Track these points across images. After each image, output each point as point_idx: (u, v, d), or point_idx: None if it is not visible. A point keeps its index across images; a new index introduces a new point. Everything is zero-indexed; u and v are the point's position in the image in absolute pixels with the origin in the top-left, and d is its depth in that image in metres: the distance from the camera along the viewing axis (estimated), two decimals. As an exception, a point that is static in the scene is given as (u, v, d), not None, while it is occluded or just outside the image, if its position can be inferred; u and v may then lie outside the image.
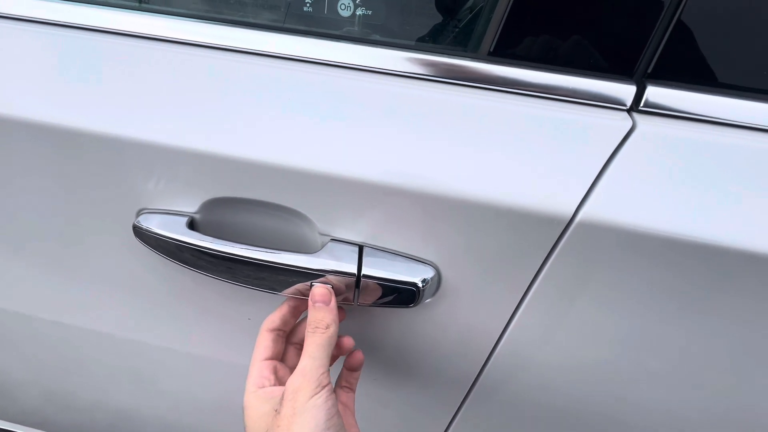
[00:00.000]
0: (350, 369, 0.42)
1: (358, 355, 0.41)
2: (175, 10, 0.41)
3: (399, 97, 0.36)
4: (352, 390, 0.42)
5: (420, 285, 0.37)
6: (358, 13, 0.38)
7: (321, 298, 0.37)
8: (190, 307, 0.48)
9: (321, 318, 0.36)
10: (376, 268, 0.37)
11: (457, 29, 0.37)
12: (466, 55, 0.37)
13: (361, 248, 0.38)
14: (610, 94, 0.35)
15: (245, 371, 0.39)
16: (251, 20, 0.39)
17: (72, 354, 0.58)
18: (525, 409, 0.46)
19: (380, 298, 0.38)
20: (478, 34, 0.37)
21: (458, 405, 0.48)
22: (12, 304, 0.54)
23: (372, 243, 0.38)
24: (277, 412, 0.32)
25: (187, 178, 0.38)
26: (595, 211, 0.33)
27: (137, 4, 0.41)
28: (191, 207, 0.40)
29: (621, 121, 0.34)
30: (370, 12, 0.38)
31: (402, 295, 0.37)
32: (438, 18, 0.38)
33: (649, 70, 0.35)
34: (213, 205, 0.39)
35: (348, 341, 0.40)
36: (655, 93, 0.35)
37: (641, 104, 0.35)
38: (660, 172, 0.33)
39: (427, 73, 0.37)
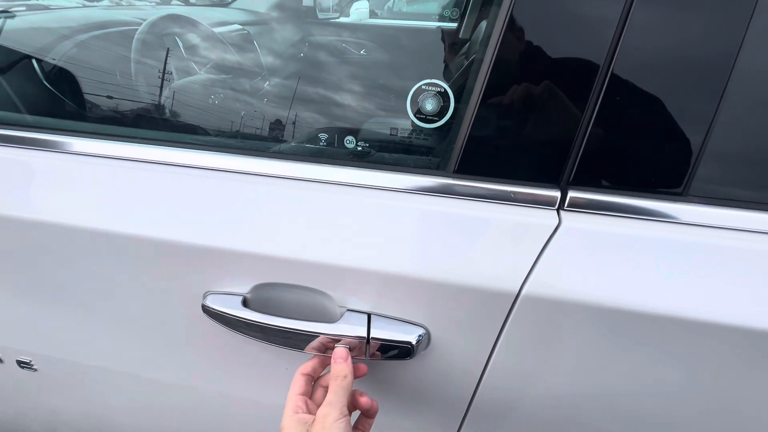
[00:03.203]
0: (367, 416, 0.52)
1: (375, 405, 0.52)
2: (220, 144, 0.57)
3: (390, 207, 0.50)
4: None
5: (414, 343, 0.50)
6: (358, 145, 0.53)
7: (341, 356, 0.50)
8: (241, 362, 0.61)
9: (341, 370, 0.49)
10: (381, 330, 0.50)
11: (430, 155, 0.52)
12: (437, 173, 0.51)
13: (369, 316, 0.51)
14: (543, 198, 0.48)
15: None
16: (281, 154, 0.55)
17: (142, 400, 0.72)
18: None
19: (385, 353, 0.51)
20: (446, 157, 0.51)
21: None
22: (90, 359, 0.69)
23: (377, 311, 0.52)
24: (308, 431, 0.44)
25: (241, 270, 0.53)
26: (534, 287, 0.46)
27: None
28: (244, 288, 0.54)
29: (551, 219, 0.47)
30: (367, 144, 0.53)
31: (401, 350, 0.50)
32: (417, 148, 0.52)
33: (570, 180, 0.48)
34: (261, 287, 0.54)
35: (366, 400, 0.51)
36: (574, 196, 0.48)
37: (566, 204, 0.48)
38: (581, 256, 0.46)
39: (411, 188, 0.51)
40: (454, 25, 0.59)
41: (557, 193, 0.48)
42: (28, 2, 0.95)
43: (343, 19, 0.92)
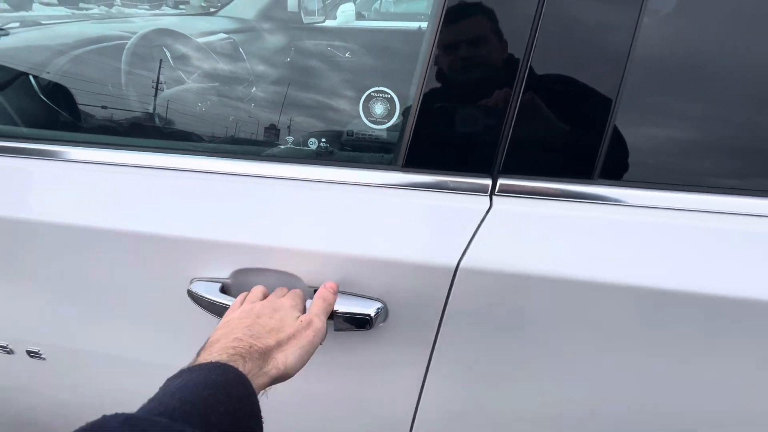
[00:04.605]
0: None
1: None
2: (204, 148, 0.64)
3: (350, 199, 0.58)
4: None
5: (372, 315, 0.58)
6: (321, 146, 0.61)
7: (332, 288, 0.56)
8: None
9: (329, 297, 0.55)
10: (343, 305, 0.58)
11: (383, 153, 0.59)
12: (390, 168, 0.59)
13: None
14: (477, 186, 0.56)
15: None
16: (253, 156, 0.62)
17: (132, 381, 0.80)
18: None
19: (348, 325, 0.58)
20: (396, 153, 0.59)
21: (419, 390, 0.67)
22: (96, 345, 0.77)
23: (342, 289, 0.59)
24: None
25: (221, 257, 0.61)
26: (469, 261, 0.54)
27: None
28: (225, 274, 0.62)
29: (484, 204, 0.55)
30: (328, 144, 0.61)
31: (361, 322, 0.58)
32: (372, 146, 0.60)
33: (499, 169, 0.56)
34: (239, 272, 0.61)
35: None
36: (504, 182, 0.56)
37: (496, 190, 0.56)
38: (509, 233, 0.54)
39: (367, 182, 0.59)
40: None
41: (489, 181, 0.56)
42: (23, 18, 1.01)
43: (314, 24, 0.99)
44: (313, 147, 0.61)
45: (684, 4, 0.49)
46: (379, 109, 0.57)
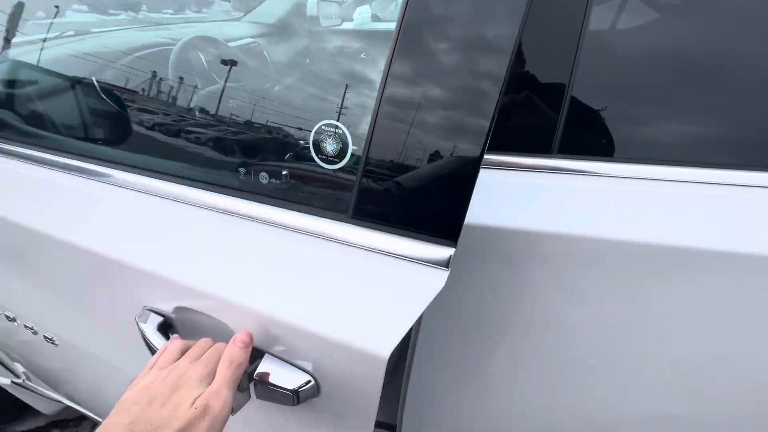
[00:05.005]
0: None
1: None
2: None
3: (291, 250, 0.49)
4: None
5: (298, 390, 0.48)
6: (272, 181, 0.53)
7: (242, 340, 0.46)
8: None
9: (238, 355, 0.45)
10: (268, 368, 0.49)
11: (334, 198, 0.49)
12: (336, 216, 0.48)
13: (262, 354, 0.51)
14: (435, 255, 0.43)
15: None
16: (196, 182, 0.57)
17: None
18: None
19: (270, 395, 0.50)
20: (346, 202, 0.48)
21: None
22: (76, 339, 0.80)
23: (274, 352, 0.51)
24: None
25: (165, 293, 0.56)
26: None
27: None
28: (169, 308, 0.58)
29: (440, 280, 0.42)
30: (278, 181, 0.52)
31: (285, 397, 0.48)
32: (322, 189, 0.50)
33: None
34: (179, 309, 0.57)
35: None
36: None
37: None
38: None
39: (311, 230, 0.49)
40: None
41: (451, 251, 0.42)
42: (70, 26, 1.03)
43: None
44: (264, 182, 0.53)
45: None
46: (329, 145, 0.47)
